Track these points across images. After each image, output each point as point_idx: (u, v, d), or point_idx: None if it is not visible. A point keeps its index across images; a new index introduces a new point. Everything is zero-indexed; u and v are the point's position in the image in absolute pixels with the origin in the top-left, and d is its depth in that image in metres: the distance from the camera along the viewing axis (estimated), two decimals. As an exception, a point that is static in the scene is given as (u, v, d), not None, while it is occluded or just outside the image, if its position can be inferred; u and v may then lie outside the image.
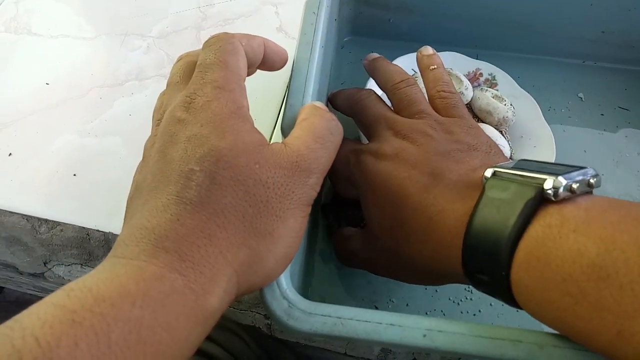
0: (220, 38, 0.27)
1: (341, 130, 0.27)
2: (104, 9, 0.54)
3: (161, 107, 0.26)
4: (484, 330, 0.24)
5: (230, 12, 0.54)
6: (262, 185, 0.23)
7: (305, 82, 0.31)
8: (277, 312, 0.24)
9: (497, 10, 0.46)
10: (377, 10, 0.47)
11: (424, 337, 0.24)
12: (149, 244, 0.21)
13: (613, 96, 0.49)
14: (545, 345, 0.24)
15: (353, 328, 0.24)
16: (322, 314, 0.24)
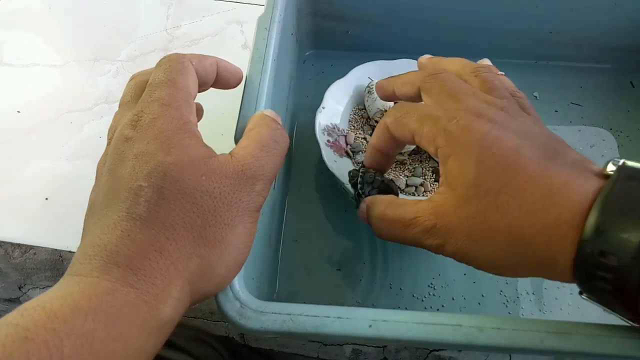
0: (170, 58, 0.28)
1: (286, 138, 0.28)
2: (73, 37, 0.56)
3: (113, 127, 0.28)
4: (426, 318, 0.25)
5: (196, 32, 0.56)
6: (209, 196, 0.24)
7: (257, 95, 0.32)
8: (229, 312, 0.25)
9: (448, 17, 0.48)
10: (335, 23, 0.49)
11: (370, 327, 0.25)
12: (101, 261, 0.21)
13: (566, 93, 0.51)
14: (484, 328, 0.25)
15: (302, 323, 0.25)
16: (273, 312, 0.25)
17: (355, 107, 0.45)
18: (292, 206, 0.43)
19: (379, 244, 0.42)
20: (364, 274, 0.40)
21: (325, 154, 0.40)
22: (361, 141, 0.43)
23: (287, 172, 0.44)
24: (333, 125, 0.43)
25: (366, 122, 0.44)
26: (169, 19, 0.57)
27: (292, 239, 0.41)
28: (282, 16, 0.37)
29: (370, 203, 0.30)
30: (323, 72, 0.51)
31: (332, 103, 0.43)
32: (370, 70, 0.45)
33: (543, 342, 0.25)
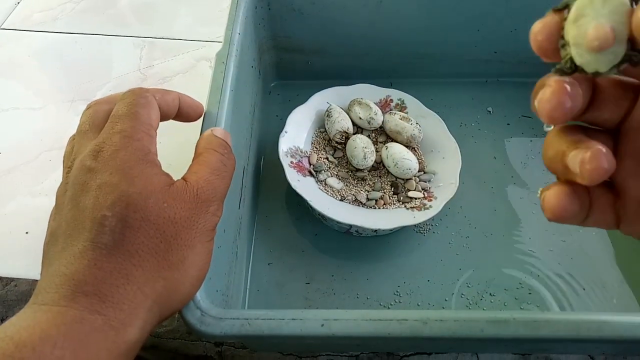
0: (134, 92, 0.30)
1: (233, 160, 0.30)
2: (51, 81, 0.59)
3: (71, 154, 0.29)
4: (374, 314, 0.27)
5: (168, 70, 0.59)
6: (171, 222, 0.25)
7: (215, 122, 0.35)
8: (191, 320, 0.27)
9: (398, 45, 0.51)
10: (295, 55, 0.53)
11: (322, 326, 0.27)
12: (69, 290, 0.22)
13: (517, 107, 0.55)
14: (428, 321, 0.27)
15: (259, 327, 0.27)
16: (231, 318, 0.27)
17: (316, 130, 0.48)
18: (262, 224, 0.45)
19: (345, 257, 0.44)
20: (333, 286, 0.42)
21: (289, 174, 0.42)
22: (323, 161, 0.46)
23: (255, 192, 0.46)
24: (296, 148, 0.46)
25: (327, 143, 0.47)
26: (141, 60, 0.60)
27: (262, 255, 0.43)
28: (239, 51, 0.40)
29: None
30: (289, 101, 0.54)
31: (294, 127, 0.46)
32: (328, 96, 0.48)
33: (483, 331, 0.27)
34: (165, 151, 0.51)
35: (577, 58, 0.18)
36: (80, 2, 0.68)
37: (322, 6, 0.48)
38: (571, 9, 0.18)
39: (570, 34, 0.18)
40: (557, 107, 0.18)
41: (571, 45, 0.18)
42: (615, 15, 0.17)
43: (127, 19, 0.66)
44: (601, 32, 0.17)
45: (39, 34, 0.64)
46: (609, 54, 0.17)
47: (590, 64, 0.18)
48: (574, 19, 0.18)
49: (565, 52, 0.18)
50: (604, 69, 0.18)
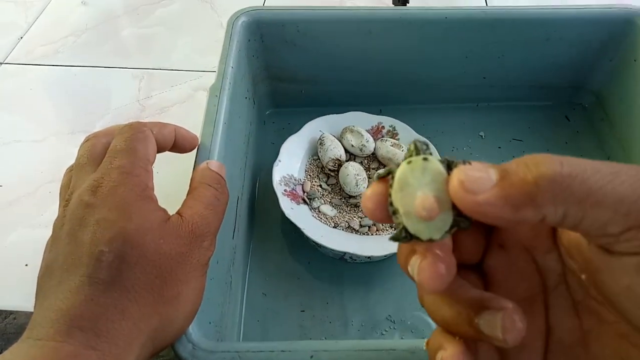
0: (132, 127, 0.30)
1: (226, 194, 0.31)
2: (52, 113, 0.60)
3: (68, 187, 0.29)
4: (363, 345, 0.28)
5: (166, 100, 0.61)
6: (167, 257, 0.26)
7: (208, 155, 0.36)
8: (183, 354, 0.28)
9: (389, 73, 0.53)
10: (289, 84, 0.54)
11: (311, 358, 0.27)
12: (64, 325, 0.23)
13: (507, 130, 0.55)
14: (416, 350, 0.27)
15: (249, 359, 0.27)
16: (222, 351, 0.28)
17: (310, 158, 0.49)
18: (256, 252, 0.46)
19: (340, 284, 0.44)
20: (328, 314, 0.43)
21: (282, 203, 0.43)
22: (317, 188, 0.47)
23: (250, 221, 0.47)
24: (289, 176, 0.46)
25: (321, 170, 0.48)
26: (140, 91, 0.61)
27: (257, 283, 0.44)
28: (232, 84, 0.41)
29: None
30: (283, 129, 0.55)
31: (287, 156, 0.47)
32: (321, 125, 0.49)
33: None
34: (163, 181, 0.52)
35: (410, 227, 0.18)
36: (81, 35, 0.70)
37: (313, 37, 0.49)
38: (394, 177, 0.18)
39: (398, 202, 0.18)
40: (435, 277, 0.18)
41: (401, 214, 0.18)
42: (437, 184, 0.17)
43: (127, 51, 0.67)
44: (427, 202, 0.17)
45: (41, 67, 0.65)
46: (439, 221, 0.18)
47: (424, 232, 0.18)
48: (398, 188, 0.18)
49: (398, 220, 0.18)
50: (437, 236, 0.18)
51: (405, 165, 0.18)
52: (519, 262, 0.21)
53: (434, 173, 0.18)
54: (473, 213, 0.17)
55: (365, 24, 0.49)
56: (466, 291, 0.19)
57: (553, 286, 0.20)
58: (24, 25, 0.71)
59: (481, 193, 0.16)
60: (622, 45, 0.50)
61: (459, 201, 0.17)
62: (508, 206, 0.16)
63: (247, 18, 0.47)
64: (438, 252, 0.18)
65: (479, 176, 0.16)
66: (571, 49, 0.51)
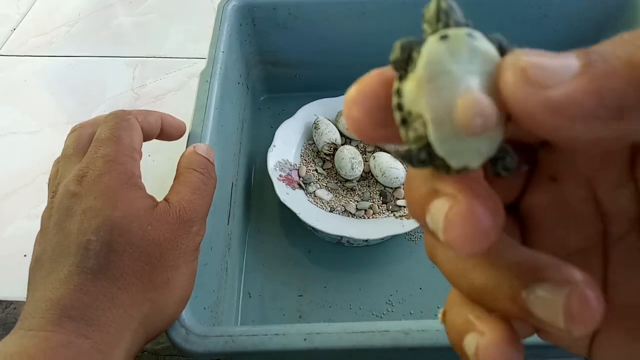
0: (117, 115, 0.30)
1: (214, 177, 0.31)
2: (47, 104, 0.60)
3: (55, 178, 0.29)
4: (356, 327, 0.28)
5: (160, 89, 0.60)
6: (155, 243, 0.26)
7: (200, 140, 0.36)
8: (176, 339, 0.28)
9: (384, 53, 0.51)
10: (283, 69, 0.53)
11: (305, 340, 0.27)
12: (55, 315, 0.23)
13: (506, 110, 0.55)
14: (410, 331, 0.27)
15: (242, 343, 0.27)
16: (216, 335, 0.28)
17: (305, 143, 0.48)
18: (253, 238, 0.46)
19: (337, 268, 0.44)
20: (326, 298, 0.43)
21: (278, 188, 0.43)
22: (312, 173, 0.46)
23: (246, 207, 0.47)
24: (285, 161, 0.46)
25: (316, 155, 0.48)
26: (134, 79, 0.61)
27: (254, 269, 0.44)
28: (223, 69, 0.41)
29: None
30: (279, 114, 0.55)
31: (282, 141, 0.47)
32: (315, 109, 0.49)
33: (466, 339, 0.27)
34: (159, 169, 0.52)
35: (439, 145, 0.11)
36: (74, 25, 0.69)
37: (305, 20, 0.48)
38: (417, 60, 0.11)
39: (422, 102, 0.11)
40: (476, 235, 0.11)
41: (427, 122, 0.11)
42: (490, 77, 0.11)
43: (120, 40, 0.67)
44: (482, 104, 0.10)
45: (34, 58, 0.65)
46: (483, 139, 0.11)
47: (458, 155, 0.11)
48: (428, 77, 0.11)
49: (414, 132, 0.11)
50: (476, 163, 0.11)
51: (439, 43, 0.11)
52: (573, 201, 0.14)
53: (486, 58, 0.11)
54: (542, 125, 0.10)
55: (359, 5, 0.48)
56: (511, 249, 0.13)
57: (619, 235, 0.14)
58: (16, 16, 0.71)
59: (556, 86, 0.10)
60: (619, 22, 0.49)
61: (518, 102, 0.10)
62: (606, 109, 0.10)
63: (237, 2, 0.46)
64: (478, 189, 0.12)
65: (550, 60, 0.10)
66: (569, 26, 0.50)
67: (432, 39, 0.11)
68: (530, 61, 0.10)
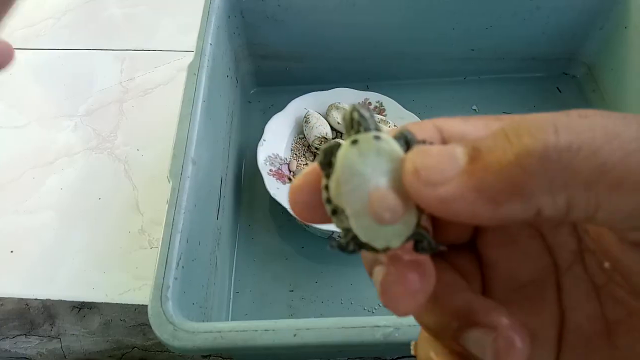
0: None
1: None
2: (34, 98, 0.59)
3: None
4: (346, 322, 0.27)
5: (149, 82, 0.59)
6: None
7: (187, 135, 0.35)
8: (163, 336, 0.27)
9: (375, 46, 0.51)
10: (273, 62, 0.53)
11: (295, 336, 0.27)
12: None
13: (497, 104, 0.54)
14: (401, 327, 0.27)
15: (232, 339, 0.27)
16: (204, 331, 0.27)
17: (296, 137, 0.48)
18: (244, 233, 0.45)
19: (329, 264, 0.44)
20: (317, 293, 0.42)
21: (268, 183, 0.43)
22: (303, 167, 0.46)
23: (236, 202, 0.46)
24: (275, 155, 0.46)
25: (307, 149, 0.47)
26: (123, 73, 0.60)
27: (245, 264, 0.43)
28: (211, 61, 0.40)
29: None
30: (269, 108, 0.54)
31: (272, 135, 0.46)
32: (306, 102, 0.48)
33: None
34: (148, 163, 0.52)
35: (361, 233, 0.13)
36: (61, 17, 0.68)
37: (295, 12, 0.48)
38: (335, 163, 0.13)
39: (343, 199, 0.13)
40: (405, 297, 0.13)
41: (348, 215, 0.13)
42: (396, 173, 0.13)
43: (109, 33, 0.66)
44: (388, 200, 0.12)
45: (21, 51, 0.64)
46: (400, 224, 0.13)
47: (379, 239, 0.13)
48: (343, 179, 0.13)
49: (341, 222, 0.13)
50: (397, 242, 0.13)
51: (350, 147, 0.13)
52: (521, 239, 0.16)
53: (391, 157, 0.13)
54: (438, 213, 0.12)
55: (349, -3, 0.47)
56: (452, 295, 0.14)
57: (566, 266, 0.15)
58: (2, 8, 0.69)
59: (443, 184, 0.12)
60: (612, 13, 0.49)
61: (415, 196, 0.12)
62: (484, 200, 0.11)
63: (226, -7, 0.45)
64: (406, 257, 0.13)
65: (440, 159, 0.12)
66: (561, 17, 0.50)
67: (345, 144, 0.13)
68: (423, 163, 0.12)
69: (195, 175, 0.34)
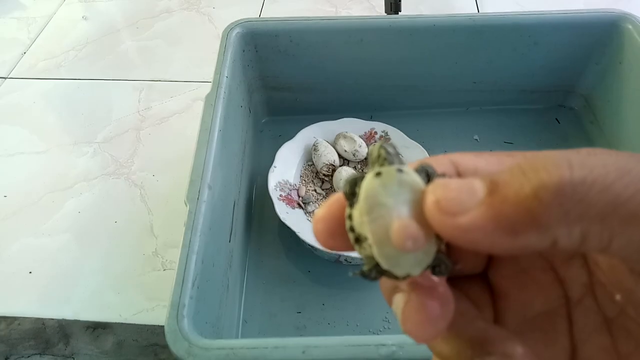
0: None
1: None
2: (55, 125, 0.62)
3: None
4: (353, 340, 0.29)
5: (166, 111, 0.62)
6: None
7: (204, 161, 0.37)
8: (179, 352, 0.29)
9: (381, 78, 0.54)
10: (284, 93, 0.55)
11: (303, 353, 0.28)
12: None
13: (498, 134, 0.57)
14: (404, 345, 0.28)
15: (243, 355, 0.28)
16: (218, 348, 0.29)
17: (305, 164, 0.50)
18: (254, 256, 0.47)
19: (336, 287, 0.45)
20: (324, 315, 0.44)
21: (278, 207, 0.44)
22: (311, 193, 0.48)
23: (247, 226, 0.48)
24: (285, 181, 0.48)
25: (315, 175, 0.49)
26: (140, 102, 0.63)
27: (254, 286, 0.45)
28: (227, 93, 0.43)
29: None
30: (280, 136, 0.57)
31: (283, 162, 0.48)
32: (314, 131, 0.51)
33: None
34: (163, 187, 0.54)
35: (383, 261, 0.14)
36: (82, 49, 0.72)
37: (306, 47, 0.50)
38: (359, 193, 0.14)
39: (366, 228, 0.14)
40: (426, 325, 0.14)
41: (371, 243, 0.14)
42: (417, 204, 0.14)
43: (127, 64, 0.69)
44: (410, 230, 0.13)
45: (43, 81, 0.67)
46: (421, 252, 0.14)
47: (400, 266, 0.14)
48: (366, 209, 0.14)
49: (364, 251, 0.14)
50: (417, 270, 0.14)
51: (374, 179, 0.14)
52: (532, 271, 0.16)
53: (413, 189, 0.13)
54: (458, 241, 0.13)
55: (357, 33, 0.50)
56: (467, 324, 0.15)
57: (577, 298, 0.16)
58: (26, 40, 0.73)
59: (463, 214, 0.12)
60: (607, 49, 0.51)
61: (436, 226, 0.13)
62: (502, 230, 0.12)
63: (241, 29, 0.48)
64: (427, 284, 0.14)
65: (460, 191, 0.13)
66: (559, 53, 0.53)
67: (368, 176, 0.14)
68: (444, 194, 0.13)
69: (210, 199, 0.36)
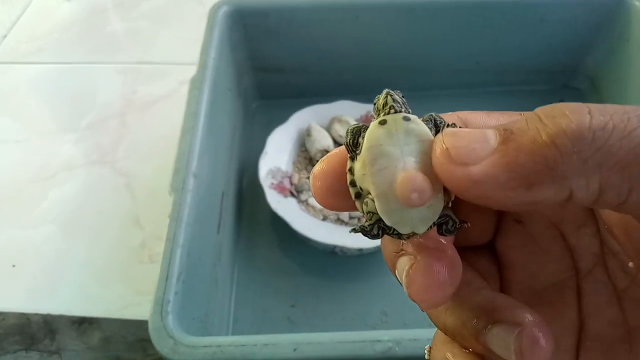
0: None
1: None
2: (36, 112, 0.59)
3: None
4: (347, 336, 0.27)
5: (152, 95, 0.60)
6: None
7: (189, 149, 0.35)
8: (163, 350, 0.27)
9: (380, 59, 0.52)
10: (275, 75, 0.53)
11: (294, 350, 0.27)
12: None
13: (500, 116, 0.54)
14: (402, 341, 0.27)
15: (231, 353, 0.27)
16: (204, 345, 0.27)
17: (297, 150, 0.48)
18: (244, 248, 0.45)
19: (331, 279, 0.43)
20: (319, 308, 0.42)
21: (269, 196, 0.42)
22: (305, 180, 0.46)
23: (237, 216, 0.46)
24: (277, 169, 0.45)
25: (309, 162, 0.47)
26: (125, 86, 0.60)
27: (245, 279, 0.43)
28: (214, 75, 0.40)
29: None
30: (272, 121, 0.54)
31: (274, 148, 0.46)
32: (308, 115, 0.48)
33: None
34: (146, 177, 0.52)
35: (386, 217, 0.12)
36: (65, 32, 0.69)
37: (298, 25, 0.48)
38: (362, 143, 0.13)
39: (368, 180, 0.12)
40: (433, 289, 0.13)
41: (373, 197, 0.12)
42: (425, 155, 0.12)
43: (111, 46, 0.66)
44: (417, 181, 0.12)
45: (25, 65, 0.64)
46: (425, 207, 0.12)
47: (405, 223, 0.13)
48: (368, 159, 0.12)
49: (365, 206, 0.13)
50: (422, 228, 0.13)
51: (378, 127, 0.13)
52: (542, 240, 0.15)
53: (420, 138, 0.12)
54: (467, 195, 0.12)
55: (352, 10, 0.48)
56: (473, 293, 0.14)
57: (587, 269, 0.15)
58: (7, 24, 0.70)
59: (474, 164, 0.11)
60: (614, 25, 0.49)
61: (445, 177, 0.12)
62: (515, 181, 0.11)
63: (228, 7, 0.46)
64: (434, 246, 0.13)
65: (471, 140, 0.12)
66: (565, 30, 0.50)
67: (372, 124, 0.13)
68: (454, 143, 0.12)
69: (196, 189, 0.34)
